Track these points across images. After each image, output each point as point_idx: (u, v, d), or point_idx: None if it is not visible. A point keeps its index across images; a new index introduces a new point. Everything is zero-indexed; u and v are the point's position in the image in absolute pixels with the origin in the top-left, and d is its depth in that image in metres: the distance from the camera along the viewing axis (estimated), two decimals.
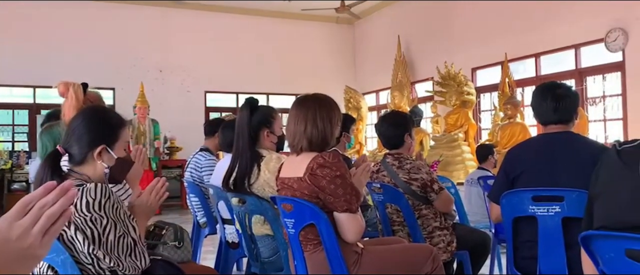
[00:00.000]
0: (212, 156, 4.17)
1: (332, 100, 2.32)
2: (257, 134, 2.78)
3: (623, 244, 1.12)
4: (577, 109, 2.49)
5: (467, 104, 8.16)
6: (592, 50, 7.02)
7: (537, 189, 2.29)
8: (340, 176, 2.07)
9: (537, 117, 2.53)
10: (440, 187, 2.99)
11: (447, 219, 3.04)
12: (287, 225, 2.22)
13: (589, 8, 6.81)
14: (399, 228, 3.03)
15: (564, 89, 2.46)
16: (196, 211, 4.19)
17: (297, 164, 2.17)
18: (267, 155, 2.69)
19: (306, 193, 2.11)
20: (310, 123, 2.16)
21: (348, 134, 3.85)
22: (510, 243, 2.45)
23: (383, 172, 3.12)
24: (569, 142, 2.37)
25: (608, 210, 1.19)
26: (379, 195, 3.07)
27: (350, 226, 2.09)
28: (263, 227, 2.69)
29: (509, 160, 2.53)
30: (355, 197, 2.10)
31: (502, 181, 2.50)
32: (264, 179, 2.62)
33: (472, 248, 3.06)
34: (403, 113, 3.32)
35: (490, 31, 8.46)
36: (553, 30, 7.34)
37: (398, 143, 3.11)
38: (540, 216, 2.27)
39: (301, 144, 2.17)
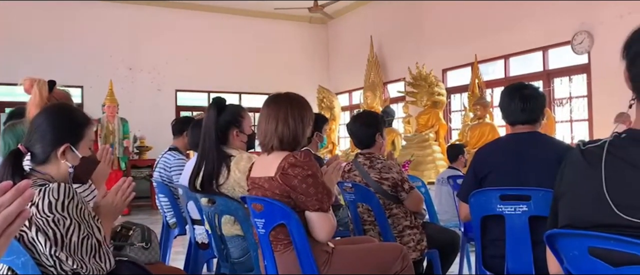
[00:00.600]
0: (181, 156, 4.12)
1: (304, 99, 2.31)
2: (225, 133, 2.75)
3: (586, 242, 1.14)
4: (544, 109, 2.54)
5: (437, 105, 8.26)
6: (559, 52, 7.18)
7: (504, 188, 2.32)
8: (312, 175, 2.06)
9: (505, 118, 2.57)
10: (410, 186, 3.01)
11: (417, 218, 3.06)
12: (257, 225, 2.20)
13: (556, 11, 6.96)
14: (370, 227, 3.04)
15: (531, 89, 2.50)
16: (165, 211, 4.13)
17: (268, 164, 2.15)
18: (237, 155, 2.66)
19: (277, 193, 2.09)
20: (281, 122, 2.14)
21: (320, 133, 3.85)
22: (478, 242, 2.48)
23: (354, 172, 3.13)
24: (535, 142, 2.41)
25: (572, 209, 1.20)
26: (351, 194, 3.08)
27: (322, 225, 2.08)
28: (233, 228, 2.66)
29: (477, 160, 2.57)
30: (326, 196, 2.09)
31: (471, 180, 2.53)
32: (234, 179, 2.59)
33: (441, 247, 3.09)
34: (374, 113, 3.33)
35: (460, 33, 8.58)
36: (521, 32, 7.49)
37: (369, 143, 3.12)
38: (508, 215, 2.31)
39: (272, 143, 2.15)
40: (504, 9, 7.75)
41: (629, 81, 1.14)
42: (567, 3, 6.80)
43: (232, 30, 11.32)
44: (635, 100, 1.14)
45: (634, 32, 1.12)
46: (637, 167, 1.07)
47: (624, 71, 1.15)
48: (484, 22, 8.12)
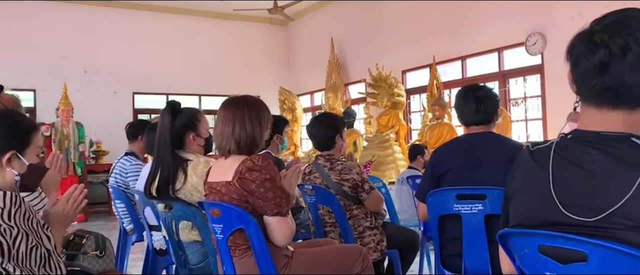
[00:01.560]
0: (137, 160, 4.02)
1: (261, 101, 2.29)
2: (182, 137, 2.70)
3: (536, 241, 1.17)
4: (497, 109, 2.60)
5: (397, 105, 8.36)
6: (513, 53, 7.38)
7: (460, 188, 2.36)
8: (270, 179, 2.04)
9: (460, 119, 2.62)
10: (370, 187, 3.04)
11: (377, 219, 3.09)
12: (215, 230, 2.17)
13: (510, 13, 7.15)
14: (331, 229, 3.05)
15: (484, 90, 2.56)
16: (122, 218, 4.03)
17: (226, 168, 2.13)
18: (195, 159, 2.62)
19: (235, 197, 2.07)
20: (238, 125, 2.12)
21: (281, 135, 3.83)
22: (436, 241, 2.51)
23: (315, 174, 3.13)
24: (490, 142, 2.46)
25: (522, 209, 1.23)
26: (311, 196, 3.08)
27: (281, 229, 2.07)
28: (191, 233, 2.62)
29: (434, 159, 2.61)
30: (285, 200, 2.08)
31: (429, 180, 2.57)
32: (192, 184, 2.55)
33: (401, 246, 3.12)
34: (334, 115, 3.34)
35: (419, 34, 8.71)
36: (478, 34, 7.66)
37: (329, 144, 3.13)
38: (465, 214, 2.35)
39: (229, 146, 2.13)
40: (461, 11, 7.92)
41: (572, 84, 1.17)
42: (521, 5, 7.00)
43: (190, 32, 11.16)
44: (580, 102, 1.17)
45: (577, 35, 1.15)
46: (581, 167, 1.10)
47: (568, 74, 1.18)
48: (442, 24, 8.27)
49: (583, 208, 1.08)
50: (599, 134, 1.10)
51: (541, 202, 1.16)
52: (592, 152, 1.09)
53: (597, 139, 1.10)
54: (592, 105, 1.13)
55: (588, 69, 1.10)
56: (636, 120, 1.11)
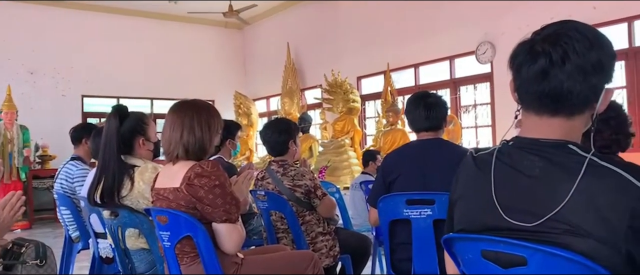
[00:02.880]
0: (84, 165, 3.89)
1: (211, 106, 2.25)
2: (130, 142, 2.62)
3: (479, 246, 1.19)
4: (447, 116, 2.65)
5: (353, 111, 8.42)
6: (464, 61, 7.57)
7: (410, 193, 2.39)
8: (220, 185, 2.01)
9: (411, 125, 2.66)
10: (323, 192, 3.04)
11: (330, 224, 3.09)
12: (162, 238, 2.11)
13: (461, 23, 7.35)
14: (283, 235, 3.03)
15: (434, 98, 2.61)
16: (68, 225, 3.88)
17: (174, 174, 2.08)
18: (142, 165, 2.54)
19: (183, 204, 2.02)
20: (186, 130, 2.08)
21: (233, 140, 3.79)
22: (387, 245, 2.54)
23: (268, 180, 3.10)
24: (438, 148, 2.51)
25: (465, 214, 1.25)
26: (264, 202, 3.05)
27: (230, 237, 2.03)
28: (138, 241, 2.54)
29: (385, 165, 2.64)
30: (235, 207, 2.05)
31: (380, 186, 2.60)
32: (139, 191, 2.47)
33: (353, 251, 3.14)
34: (287, 120, 3.33)
35: (374, 42, 8.83)
36: (430, 42, 7.83)
37: (282, 150, 3.11)
38: (414, 219, 2.39)
39: (177, 151, 2.08)
40: (414, 19, 8.08)
41: (514, 92, 1.20)
42: (472, 15, 7.20)
43: (143, 34, 10.91)
44: (521, 110, 1.21)
45: (519, 44, 1.19)
46: (522, 173, 1.13)
47: (510, 82, 1.21)
48: (396, 32, 8.41)
49: (523, 213, 1.10)
50: (538, 141, 1.13)
51: (484, 208, 1.18)
52: (532, 159, 1.12)
53: (536, 145, 1.13)
54: (533, 112, 1.16)
55: (529, 76, 1.13)
56: (574, 127, 1.14)
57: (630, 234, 0.99)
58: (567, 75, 1.08)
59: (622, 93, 6.00)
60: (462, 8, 7.35)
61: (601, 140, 2.06)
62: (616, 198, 1.00)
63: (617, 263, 1.00)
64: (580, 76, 1.08)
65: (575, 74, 1.08)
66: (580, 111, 1.13)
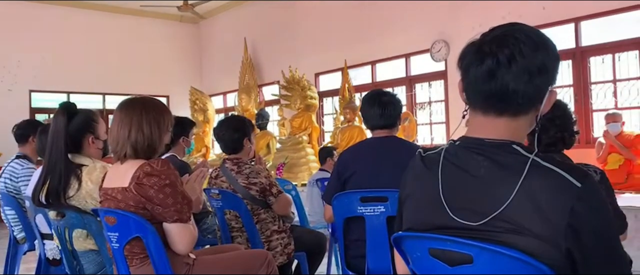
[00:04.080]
0: (30, 164, 3.74)
1: (161, 103, 2.19)
2: (79, 141, 2.54)
3: (426, 244, 1.20)
4: (401, 114, 2.69)
5: (310, 108, 8.42)
6: (419, 59, 7.69)
7: (364, 191, 2.41)
8: (170, 184, 1.96)
9: (366, 123, 2.68)
10: (278, 190, 3.02)
11: (285, 222, 3.08)
12: (111, 239, 2.05)
13: (417, 21, 7.46)
14: (238, 234, 3.00)
15: (388, 96, 2.64)
16: (12, 226, 3.73)
17: (122, 173, 2.02)
18: (91, 164, 2.46)
19: (131, 204, 1.97)
20: (135, 128, 2.02)
21: (187, 138, 3.72)
22: (341, 243, 2.55)
23: (222, 178, 3.06)
24: (392, 146, 2.54)
25: (414, 213, 1.27)
26: (218, 201, 3.01)
27: (181, 237, 1.99)
28: (86, 242, 2.46)
29: (340, 162, 2.64)
30: (186, 206, 2.01)
31: (335, 183, 2.60)
32: (86, 190, 2.39)
33: (309, 249, 3.14)
34: (242, 117, 3.29)
35: (331, 38, 8.85)
36: (387, 40, 7.91)
37: (237, 147, 3.08)
38: (368, 216, 2.41)
39: (125, 150, 2.02)
40: (371, 17, 8.14)
41: (462, 92, 1.22)
42: (427, 14, 7.32)
43: (94, 27, 10.57)
44: (469, 110, 1.23)
45: (468, 45, 1.20)
46: (468, 173, 1.15)
47: (459, 83, 1.23)
48: (353, 29, 8.45)
49: (469, 212, 1.12)
50: (483, 141, 1.16)
51: (431, 207, 1.19)
52: (478, 158, 1.14)
53: (482, 145, 1.15)
54: (480, 112, 1.19)
55: (477, 76, 1.15)
56: (518, 127, 1.17)
57: (569, 232, 1.02)
58: (513, 76, 1.10)
59: (569, 91, 6.23)
60: (417, 7, 7.46)
61: (547, 139, 2.13)
62: (556, 197, 1.03)
63: (558, 260, 1.04)
64: (525, 77, 1.10)
65: (520, 75, 1.10)
66: (525, 112, 1.16)
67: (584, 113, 6.06)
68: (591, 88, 6.06)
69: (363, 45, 8.27)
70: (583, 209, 1.02)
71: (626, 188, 5.13)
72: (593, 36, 6.03)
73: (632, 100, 5.77)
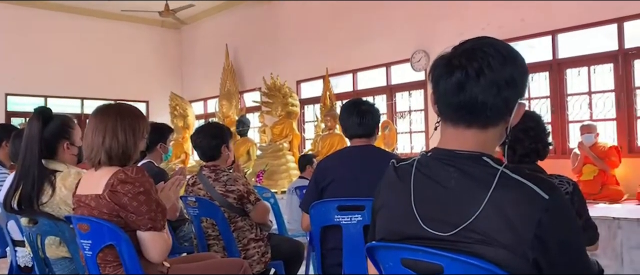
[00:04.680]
0: (3, 169, 3.68)
1: (137, 110, 2.17)
2: (54, 146, 2.50)
3: (399, 254, 1.21)
4: (379, 123, 2.70)
5: (291, 115, 8.41)
6: (400, 69, 7.76)
7: (341, 199, 2.42)
8: (145, 192, 1.94)
9: (344, 132, 2.70)
10: (256, 198, 3.01)
11: (263, 230, 3.06)
12: (84, 247, 2.02)
13: (398, 31, 7.53)
14: (215, 242, 2.98)
15: (367, 105, 2.65)
16: None
17: (96, 180, 1.99)
18: (65, 170, 2.43)
19: (105, 212, 1.94)
20: (109, 135, 1.99)
21: (165, 144, 3.69)
22: (318, 251, 2.55)
23: (199, 185, 3.04)
24: (370, 154, 2.55)
25: (387, 223, 1.28)
26: (194, 208, 2.99)
27: (155, 245, 1.97)
28: (59, 250, 2.42)
29: (319, 171, 2.65)
30: (161, 214, 1.99)
31: (312, 191, 2.61)
32: (60, 197, 2.36)
33: (286, 257, 3.13)
34: (220, 124, 3.28)
35: (313, 46, 8.88)
36: (368, 49, 7.97)
37: (214, 155, 3.06)
38: (345, 225, 2.41)
39: (99, 157, 2.00)
40: (353, 26, 8.20)
41: (434, 104, 1.23)
42: (408, 24, 7.39)
43: (74, 31, 10.44)
44: (440, 122, 1.24)
45: (438, 58, 1.22)
46: (439, 184, 1.16)
47: (431, 95, 1.25)
48: (335, 38, 8.50)
49: (440, 223, 1.14)
50: (454, 153, 1.17)
51: (404, 217, 1.20)
52: (448, 170, 1.16)
53: (452, 157, 1.17)
54: (450, 124, 1.20)
55: (447, 89, 1.17)
56: (488, 139, 1.19)
57: (536, 243, 1.03)
58: (482, 88, 1.12)
59: (546, 103, 6.34)
60: (398, 17, 7.53)
61: (522, 149, 2.16)
62: (524, 209, 1.05)
63: (525, 270, 1.05)
64: (493, 90, 1.12)
65: (489, 87, 1.12)
66: (494, 124, 1.17)
67: (560, 124, 6.16)
68: (567, 99, 6.18)
69: (344, 54, 8.32)
70: (550, 220, 1.04)
71: (600, 198, 5.23)
72: (569, 49, 6.15)
73: (606, 112, 5.89)
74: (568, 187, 2.13)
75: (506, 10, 6.41)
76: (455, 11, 6.85)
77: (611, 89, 5.80)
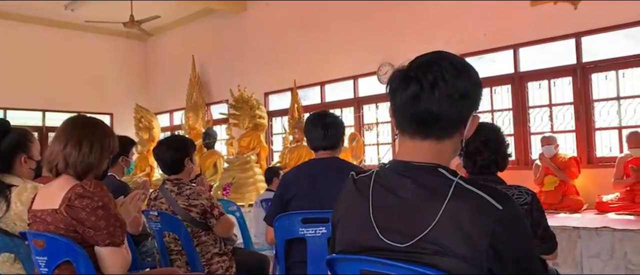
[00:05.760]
0: None
1: (104, 124, 2.13)
2: (11, 160, 2.43)
3: (358, 266, 1.22)
4: (343, 136, 2.72)
5: (259, 127, 8.37)
6: (367, 81, 7.83)
7: (306, 212, 2.41)
8: (103, 206, 1.90)
9: (309, 144, 2.70)
10: (220, 212, 2.97)
11: (227, 244, 3.03)
12: (39, 264, 1.96)
13: (365, 44, 7.61)
14: (177, 257, 2.92)
15: (332, 118, 2.67)
16: None
17: (53, 194, 1.94)
18: (21, 185, 2.36)
19: (62, 227, 1.89)
20: (72, 143, 1.95)
21: (127, 158, 3.62)
22: (282, 264, 2.54)
23: (161, 199, 2.99)
24: (335, 167, 2.56)
25: (346, 235, 1.28)
26: (156, 223, 2.93)
27: (114, 261, 1.92)
28: (13, 267, 2.34)
29: (283, 183, 2.64)
30: (120, 229, 1.94)
31: (277, 204, 2.59)
32: (15, 212, 2.28)
33: (251, 271, 3.11)
34: (183, 137, 3.24)
35: (281, 59, 8.89)
36: (336, 61, 8.02)
37: (177, 168, 3.01)
38: (309, 237, 2.41)
39: (56, 161, 1.95)
40: (320, 38, 8.25)
41: (392, 117, 1.25)
42: (374, 37, 7.49)
43: (35, 41, 10.18)
44: (398, 134, 1.26)
45: (395, 71, 1.25)
46: (396, 195, 1.17)
47: (389, 108, 1.26)
48: (303, 50, 8.53)
49: (398, 234, 1.14)
50: (411, 164, 1.19)
51: (362, 229, 1.21)
52: (405, 181, 1.17)
53: (409, 168, 1.18)
54: (407, 136, 1.22)
55: (403, 101, 1.19)
56: (443, 150, 1.21)
57: (491, 253, 1.05)
58: (436, 101, 1.14)
59: (508, 115, 6.48)
60: (365, 30, 7.61)
61: (482, 161, 2.21)
62: (478, 220, 1.07)
63: None
64: (448, 102, 1.14)
65: (443, 100, 1.14)
66: (449, 135, 1.19)
67: (522, 136, 6.31)
68: (529, 112, 6.33)
69: (312, 66, 8.35)
70: (503, 231, 1.06)
71: (561, 209, 5.36)
72: (530, 62, 6.32)
73: (566, 124, 6.06)
74: (527, 198, 2.18)
75: (469, 25, 6.56)
76: (421, 25, 6.98)
77: (570, 101, 5.98)
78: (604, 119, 5.79)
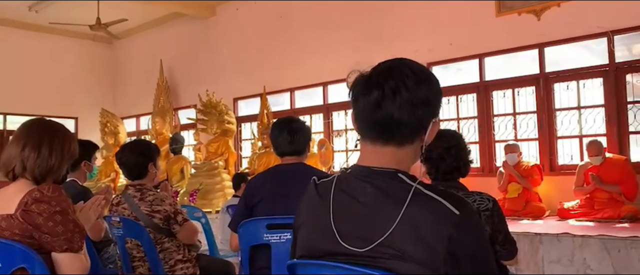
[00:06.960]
0: None
1: (64, 127, 2.08)
2: None
3: (318, 270, 1.22)
4: (310, 141, 2.72)
5: (227, 133, 8.32)
6: (336, 88, 7.87)
7: (271, 218, 2.40)
8: (61, 212, 1.84)
9: (275, 149, 2.69)
10: (184, 218, 2.92)
11: (191, 251, 2.98)
12: None
13: (334, 51, 7.66)
14: (140, 264, 2.87)
15: (298, 124, 2.67)
16: None
17: (8, 199, 1.87)
18: None
19: (17, 233, 1.82)
20: (31, 145, 1.90)
21: (89, 162, 3.53)
22: (247, 271, 2.51)
23: (124, 205, 2.93)
24: (301, 172, 2.55)
25: (307, 240, 1.28)
26: (119, 229, 2.87)
27: (71, 267, 1.86)
28: None
29: (248, 189, 2.63)
30: (78, 235, 1.89)
31: (242, 210, 2.58)
32: None
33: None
34: (147, 141, 3.18)
35: (250, 64, 8.86)
36: (306, 68, 8.04)
37: (141, 173, 2.95)
38: (274, 243, 2.40)
39: (14, 165, 1.89)
40: (291, 45, 8.26)
41: (354, 122, 1.26)
42: (344, 45, 7.54)
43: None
44: (360, 140, 1.26)
45: (358, 77, 1.25)
46: (356, 200, 1.18)
47: (352, 113, 1.27)
48: (273, 56, 8.53)
49: (357, 239, 1.15)
50: (371, 169, 1.20)
51: (323, 233, 1.21)
52: (365, 186, 1.18)
53: (369, 173, 1.19)
54: (368, 141, 1.23)
55: (365, 106, 1.20)
56: (404, 156, 1.22)
57: (448, 258, 1.06)
58: (397, 107, 1.15)
59: (474, 123, 6.61)
60: (335, 37, 7.66)
61: (444, 167, 2.24)
62: (436, 224, 1.08)
63: None
64: (408, 108, 1.16)
65: (404, 106, 1.15)
66: (410, 141, 1.21)
67: (487, 144, 6.43)
68: (494, 120, 6.46)
69: (282, 72, 8.35)
70: (461, 236, 1.07)
71: (524, 215, 5.48)
72: (495, 72, 6.47)
73: (529, 132, 6.21)
74: (488, 204, 2.22)
75: (436, 34, 6.67)
76: (389, 34, 7.06)
77: (534, 110, 6.13)
78: (566, 128, 5.96)
